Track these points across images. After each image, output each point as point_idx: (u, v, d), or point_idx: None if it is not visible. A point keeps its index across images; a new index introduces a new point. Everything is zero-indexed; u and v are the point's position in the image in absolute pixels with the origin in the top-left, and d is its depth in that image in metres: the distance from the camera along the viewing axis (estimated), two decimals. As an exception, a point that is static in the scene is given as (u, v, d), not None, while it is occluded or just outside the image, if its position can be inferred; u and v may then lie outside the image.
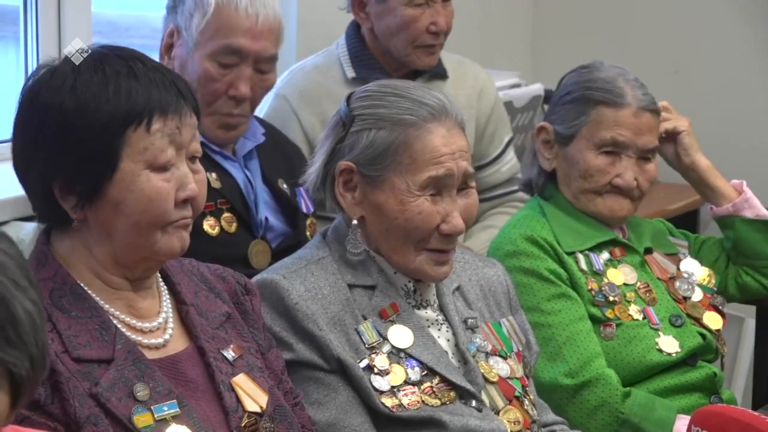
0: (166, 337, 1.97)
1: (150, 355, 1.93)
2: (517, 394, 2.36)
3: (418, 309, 2.35)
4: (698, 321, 2.93)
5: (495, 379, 2.34)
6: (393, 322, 2.30)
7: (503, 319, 2.47)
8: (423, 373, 2.26)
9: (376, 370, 2.24)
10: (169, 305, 2.01)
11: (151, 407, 1.86)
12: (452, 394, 2.27)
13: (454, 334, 2.35)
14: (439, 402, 2.25)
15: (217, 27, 2.81)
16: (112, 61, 1.92)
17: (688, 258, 3.03)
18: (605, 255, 2.90)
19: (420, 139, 2.26)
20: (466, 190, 2.32)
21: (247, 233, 2.86)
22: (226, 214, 2.82)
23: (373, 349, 2.26)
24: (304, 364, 2.23)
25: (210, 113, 2.83)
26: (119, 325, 1.92)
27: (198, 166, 1.98)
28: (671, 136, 3.07)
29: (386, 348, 2.27)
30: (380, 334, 2.27)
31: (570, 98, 2.92)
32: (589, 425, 2.73)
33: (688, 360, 2.87)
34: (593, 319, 2.81)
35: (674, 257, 3.03)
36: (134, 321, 1.95)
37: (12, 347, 1.40)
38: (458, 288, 2.43)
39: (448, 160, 2.27)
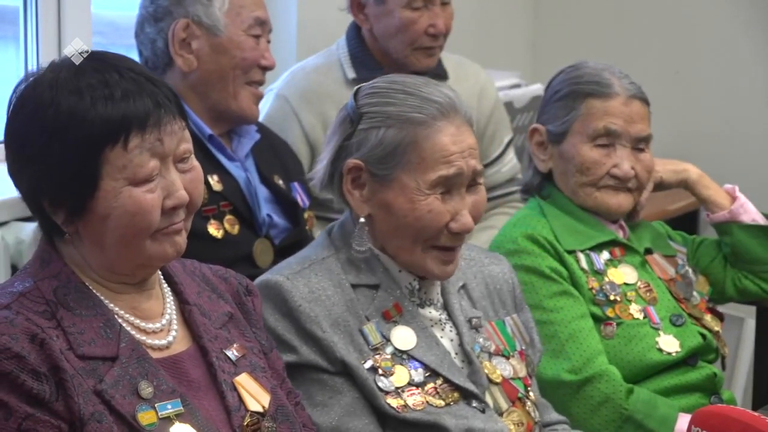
0: (170, 339, 1.97)
1: (153, 355, 1.92)
2: (519, 395, 2.35)
3: (422, 308, 2.33)
4: (699, 321, 2.94)
5: (499, 380, 2.33)
6: (396, 323, 2.28)
7: (507, 318, 2.45)
8: (426, 375, 2.26)
9: (380, 371, 2.23)
10: (173, 306, 2.01)
11: (155, 405, 1.85)
12: (456, 394, 2.27)
13: (458, 333, 2.34)
14: (443, 402, 2.25)
15: (240, 3, 2.94)
16: (88, 75, 1.87)
17: (686, 266, 3.04)
18: (605, 255, 2.90)
19: (429, 138, 2.24)
20: (475, 186, 2.30)
21: (251, 233, 2.87)
22: (228, 216, 2.83)
23: (376, 350, 2.25)
24: (308, 367, 2.22)
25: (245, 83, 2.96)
26: (124, 324, 1.92)
27: (189, 164, 1.94)
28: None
29: (389, 350, 2.26)
30: (383, 336, 2.26)
31: (559, 96, 2.93)
32: (592, 421, 2.73)
33: (688, 360, 2.87)
34: (594, 318, 2.81)
35: (672, 259, 3.03)
36: (138, 321, 1.95)
37: None
38: (463, 286, 2.41)
39: (458, 159, 2.25)
